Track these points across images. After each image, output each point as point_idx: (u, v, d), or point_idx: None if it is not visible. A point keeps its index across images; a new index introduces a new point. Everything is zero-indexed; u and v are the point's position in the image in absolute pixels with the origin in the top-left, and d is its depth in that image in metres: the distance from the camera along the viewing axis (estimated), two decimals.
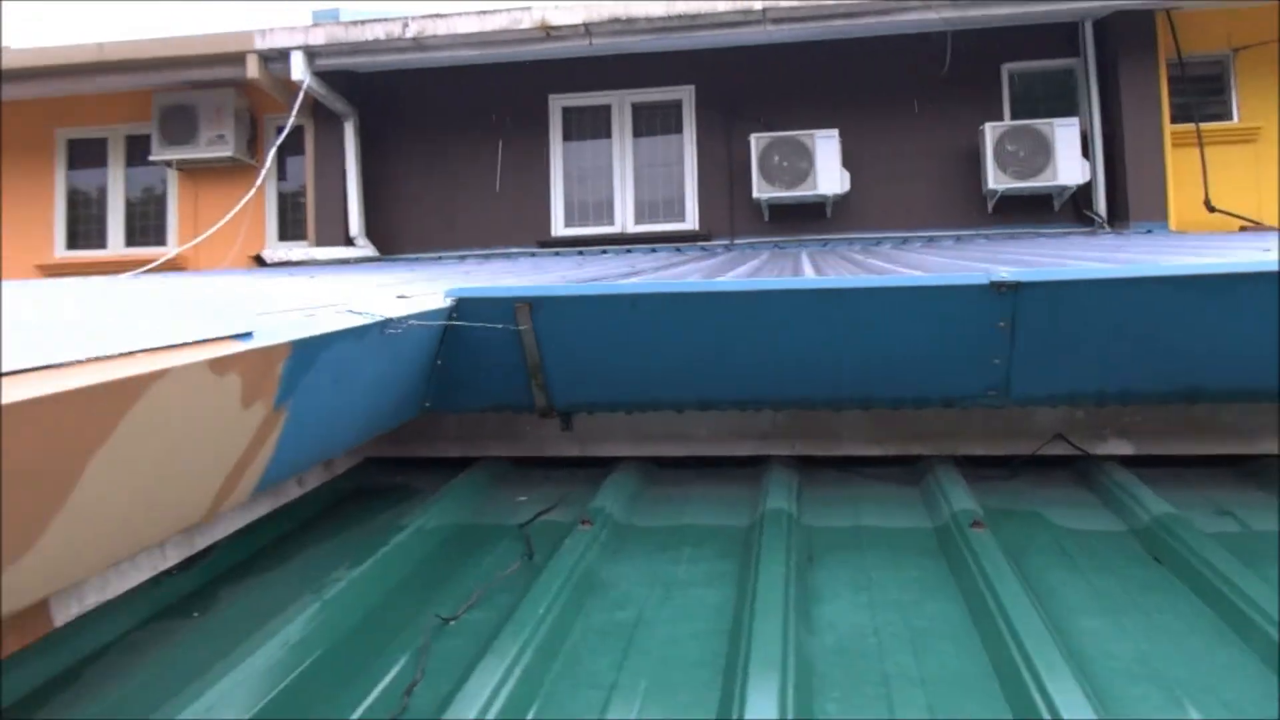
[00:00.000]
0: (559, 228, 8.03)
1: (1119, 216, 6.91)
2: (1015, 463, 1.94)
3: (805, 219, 7.83)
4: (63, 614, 1.27)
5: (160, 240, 8.18)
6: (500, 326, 1.69)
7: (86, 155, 8.29)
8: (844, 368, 1.67)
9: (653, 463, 1.99)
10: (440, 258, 7.66)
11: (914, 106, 7.57)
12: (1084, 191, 7.05)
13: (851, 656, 1.23)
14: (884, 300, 1.56)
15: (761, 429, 1.96)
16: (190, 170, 7.92)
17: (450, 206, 7.93)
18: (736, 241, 7.89)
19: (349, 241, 7.51)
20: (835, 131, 7.44)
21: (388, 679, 1.21)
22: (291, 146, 7.53)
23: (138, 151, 8.08)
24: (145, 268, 6.64)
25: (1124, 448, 1.93)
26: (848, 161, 7.52)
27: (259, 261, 6.92)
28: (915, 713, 1.11)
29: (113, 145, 8.23)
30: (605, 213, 8.11)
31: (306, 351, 1.23)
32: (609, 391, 1.84)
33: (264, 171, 7.27)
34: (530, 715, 1.11)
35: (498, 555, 1.59)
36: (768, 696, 1.06)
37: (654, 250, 7.75)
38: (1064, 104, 7.25)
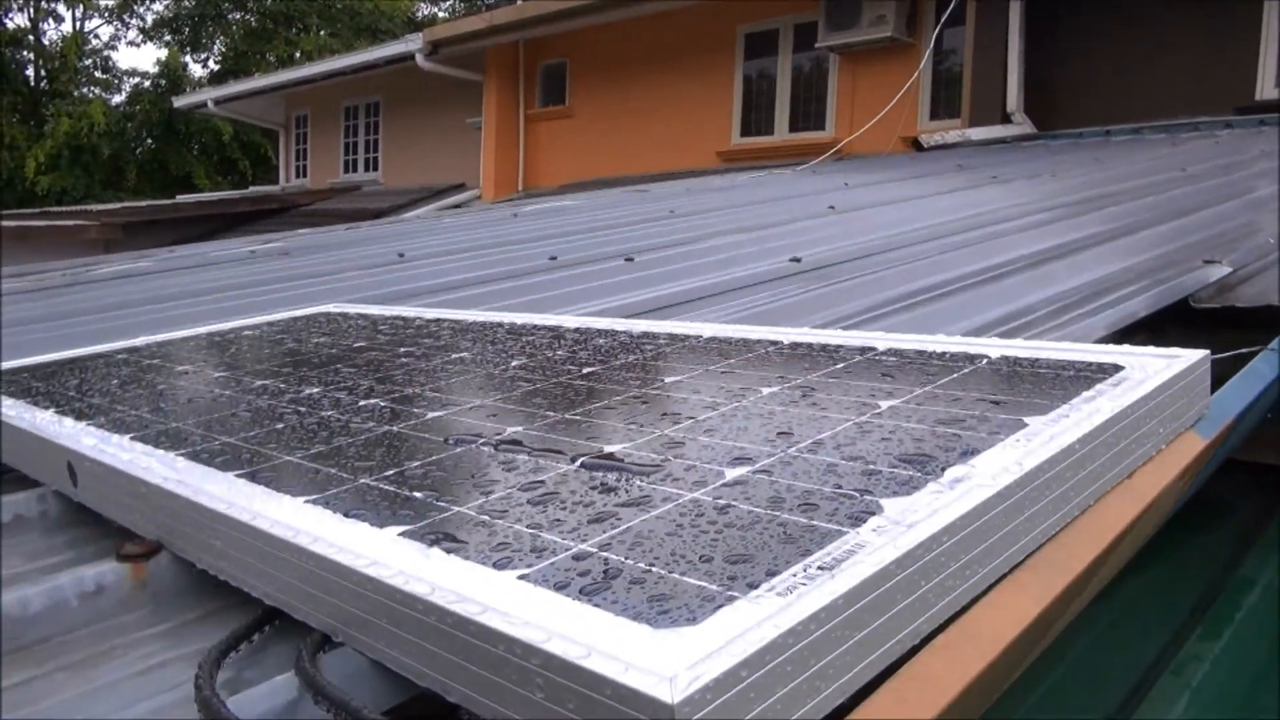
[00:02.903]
0: (1268, 88, 6.61)
1: None
2: None
3: None
4: None
5: (819, 124, 8.60)
6: None
7: (760, 47, 8.97)
8: None
9: None
10: (1108, 133, 6.86)
11: None
12: None
13: None
14: None
15: None
16: (850, 53, 8.10)
17: (1120, 72, 6.99)
18: None
19: (1005, 119, 7.09)
20: None
21: None
22: (948, 19, 7.25)
23: (803, 40, 8.50)
24: (813, 160, 7.06)
25: None
26: None
27: (915, 145, 6.90)
28: None
29: (782, 35, 8.77)
30: None
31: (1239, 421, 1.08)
32: None
33: (927, 52, 7.14)
34: None
35: None
36: None
37: None
38: None
